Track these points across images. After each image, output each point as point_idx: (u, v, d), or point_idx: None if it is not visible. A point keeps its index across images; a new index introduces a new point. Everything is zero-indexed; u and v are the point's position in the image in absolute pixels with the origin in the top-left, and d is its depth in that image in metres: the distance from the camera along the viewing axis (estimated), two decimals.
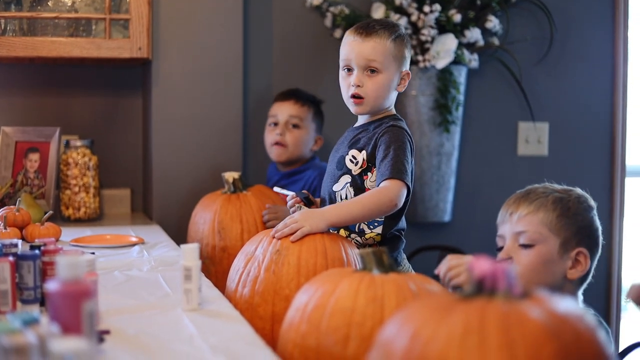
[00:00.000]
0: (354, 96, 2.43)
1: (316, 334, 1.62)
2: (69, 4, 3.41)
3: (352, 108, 2.47)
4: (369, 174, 2.41)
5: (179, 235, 3.21)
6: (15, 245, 1.93)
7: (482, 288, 1.19)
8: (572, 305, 1.20)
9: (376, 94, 2.43)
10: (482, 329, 1.09)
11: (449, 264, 2.01)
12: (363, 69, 2.43)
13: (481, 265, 1.18)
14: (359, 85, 2.42)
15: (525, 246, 2.12)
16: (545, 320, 1.10)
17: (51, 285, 1.34)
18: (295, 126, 3.33)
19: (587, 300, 2.28)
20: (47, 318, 1.38)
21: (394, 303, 1.61)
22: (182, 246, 1.93)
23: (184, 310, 1.90)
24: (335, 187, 2.46)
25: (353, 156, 2.43)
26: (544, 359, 1.06)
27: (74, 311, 1.31)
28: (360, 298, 1.62)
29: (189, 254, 1.91)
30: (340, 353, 1.58)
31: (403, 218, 2.47)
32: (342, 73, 2.48)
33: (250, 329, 1.77)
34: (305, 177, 3.30)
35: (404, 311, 1.23)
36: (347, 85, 2.46)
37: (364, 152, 2.42)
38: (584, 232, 2.15)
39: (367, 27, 2.45)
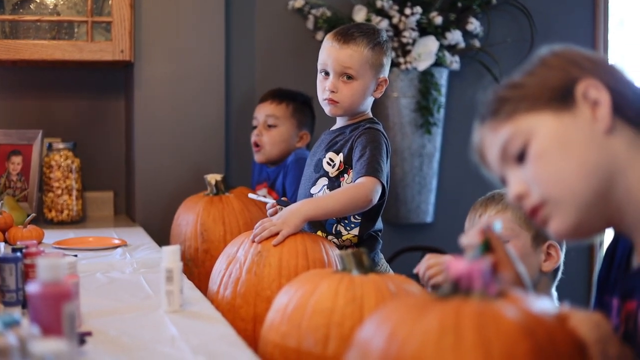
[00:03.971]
0: (328, 100, 2.46)
1: (296, 335, 1.64)
2: (51, 7, 3.41)
3: (326, 109, 2.49)
4: (345, 175, 2.42)
5: (162, 238, 3.21)
6: None
7: (458, 288, 1.20)
8: (547, 304, 1.21)
9: (350, 100, 2.45)
10: (457, 328, 1.11)
11: (428, 263, 2.03)
12: (339, 75, 2.44)
13: (457, 265, 1.20)
14: (333, 91, 2.44)
15: None
16: (520, 319, 1.12)
17: (31, 287, 1.35)
18: (271, 126, 3.33)
19: (568, 295, 2.29)
20: (28, 320, 1.39)
21: (373, 303, 1.62)
22: (164, 248, 1.94)
23: (165, 312, 1.90)
24: (313, 190, 2.47)
25: (330, 159, 2.45)
26: (518, 357, 1.08)
27: (54, 313, 1.32)
28: (339, 298, 1.63)
29: (170, 255, 1.92)
30: (320, 353, 1.60)
31: (380, 219, 2.48)
32: (319, 76, 2.50)
33: (232, 330, 1.78)
34: (283, 165, 3.29)
35: (381, 311, 1.24)
36: (322, 88, 2.48)
37: (340, 154, 2.43)
38: None
39: (345, 33, 2.46)
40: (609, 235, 1.49)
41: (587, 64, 1.38)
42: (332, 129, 2.56)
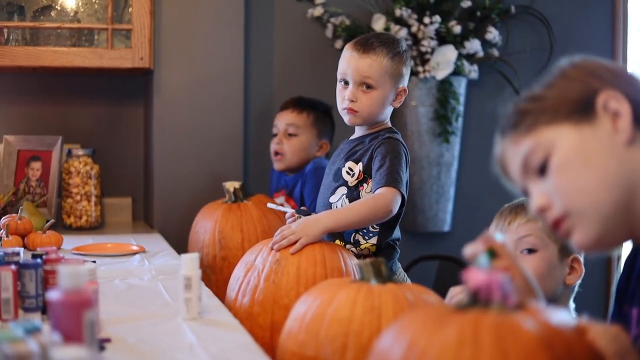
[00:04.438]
0: (347, 109, 2.46)
1: (314, 344, 1.64)
2: (72, 14, 3.43)
3: (346, 118, 2.50)
4: (364, 185, 2.43)
5: (180, 244, 3.23)
6: (17, 254, 1.94)
7: (477, 299, 1.20)
8: (565, 316, 1.22)
9: (369, 110, 2.46)
10: (476, 339, 1.11)
11: (456, 291, 2.01)
12: (358, 84, 2.45)
13: (476, 276, 1.20)
14: (352, 100, 2.45)
15: (529, 251, 2.13)
16: (538, 332, 1.12)
17: (53, 295, 1.36)
18: (292, 135, 3.33)
19: (587, 306, 2.29)
20: (49, 326, 1.40)
21: (391, 313, 1.62)
22: (182, 255, 1.95)
23: (184, 319, 1.91)
24: (332, 199, 2.48)
25: (350, 168, 2.45)
26: None
27: (75, 320, 1.33)
28: (357, 308, 1.64)
29: (189, 263, 1.93)
30: None
31: (398, 228, 2.49)
32: (338, 85, 2.51)
33: (250, 338, 1.78)
34: (301, 173, 3.30)
35: (400, 321, 1.25)
36: (342, 97, 2.49)
37: (360, 164, 2.44)
38: None
39: (365, 43, 2.47)
40: (627, 246, 1.49)
41: (607, 75, 1.38)
42: (351, 138, 2.57)
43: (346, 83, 2.48)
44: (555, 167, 1.34)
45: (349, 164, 2.46)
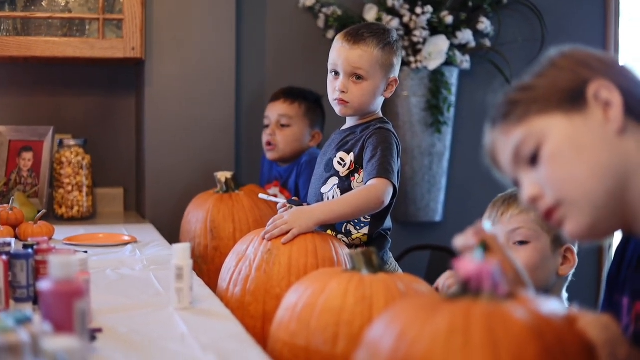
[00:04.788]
0: (338, 100, 2.46)
1: (305, 333, 1.64)
2: (63, 4, 3.42)
3: (337, 109, 2.50)
4: (356, 175, 2.43)
5: (172, 234, 3.22)
6: (9, 244, 1.94)
7: (468, 288, 1.21)
8: (555, 305, 1.22)
9: (360, 100, 2.46)
10: (466, 329, 1.11)
11: (447, 275, 2.02)
12: (349, 75, 2.45)
13: (466, 266, 1.20)
14: (343, 91, 2.45)
15: (521, 243, 2.13)
16: (529, 321, 1.12)
17: (43, 285, 1.36)
18: (284, 125, 3.33)
19: (578, 295, 2.29)
20: (40, 317, 1.40)
21: (382, 303, 1.63)
22: (174, 245, 1.95)
23: (175, 309, 1.91)
24: (324, 189, 2.48)
25: (341, 158, 2.46)
26: (527, 358, 1.08)
27: (66, 310, 1.33)
28: (349, 297, 1.64)
29: (181, 253, 1.93)
30: (329, 352, 1.60)
31: (389, 218, 2.49)
32: (329, 76, 2.51)
33: (241, 327, 1.78)
34: (296, 163, 3.30)
35: (390, 311, 1.25)
36: (332, 88, 2.49)
37: (351, 154, 2.44)
38: None
39: (356, 34, 2.47)
40: (618, 235, 1.50)
41: (597, 65, 1.38)
42: (342, 128, 2.57)
43: (337, 74, 2.48)
44: (546, 156, 1.34)
45: (341, 154, 2.47)
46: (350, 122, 2.55)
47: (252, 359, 1.56)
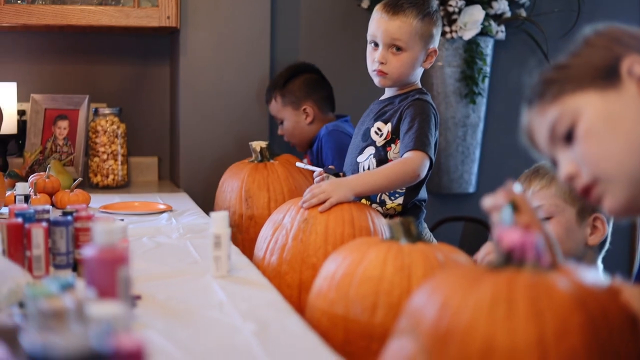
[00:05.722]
0: (377, 71, 2.46)
1: (344, 302, 1.65)
2: None
3: (376, 80, 2.49)
4: (392, 145, 2.43)
5: (206, 203, 3.24)
6: (47, 212, 1.96)
7: (511, 259, 1.20)
8: (598, 277, 1.22)
9: (399, 71, 2.45)
10: (510, 299, 1.11)
11: (487, 249, 2.02)
12: (388, 47, 2.44)
13: (510, 236, 1.20)
14: (382, 62, 2.44)
15: (545, 219, 2.13)
16: (573, 292, 1.12)
17: (88, 251, 1.37)
18: (281, 123, 3.42)
19: (610, 268, 2.28)
20: (83, 283, 1.41)
21: (421, 272, 1.63)
22: (212, 214, 1.96)
23: (213, 277, 1.92)
24: (359, 159, 2.48)
25: (378, 128, 2.46)
26: (571, 329, 1.08)
27: (110, 277, 1.35)
28: (388, 267, 1.64)
29: (219, 221, 1.93)
30: (367, 320, 1.61)
31: (424, 189, 2.49)
32: (368, 47, 2.50)
33: (279, 296, 1.79)
34: (317, 138, 3.31)
35: (432, 281, 1.25)
36: (372, 59, 2.49)
37: (389, 124, 2.44)
38: None
39: (395, 4, 2.45)
40: None
41: (631, 42, 1.37)
42: (381, 98, 2.57)
43: (376, 45, 2.47)
44: (582, 133, 1.34)
45: (378, 124, 2.46)
46: (388, 93, 2.54)
47: (291, 326, 1.56)
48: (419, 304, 1.21)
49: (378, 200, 2.44)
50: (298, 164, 2.70)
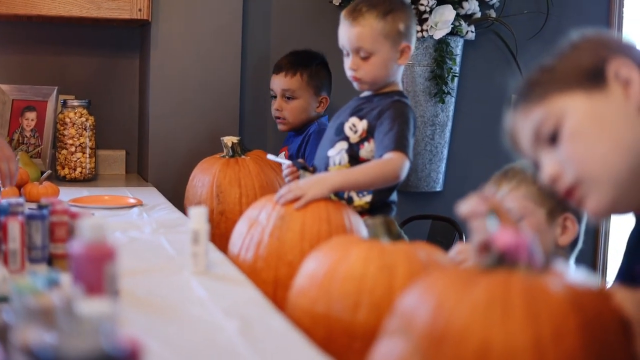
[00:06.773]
0: (352, 77, 2.47)
1: (326, 300, 1.65)
2: None
3: (354, 85, 2.50)
4: (365, 143, 2.43)
5: (175, 198, 3.22)
6: (21, 205, 1.93)
7: (504, 260, 1.21)
8: (588, 279, 1.22)
9: (372, 75, 2.46)
10: (506, 300, 1.11)
11: (458, 249, 2.02)
12: (356, 53, 2.45)
13: (504, 237, 1.20)
14: (354, 69, 2.45)
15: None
16: (568, 294, 1.12)
17: (75, 247, 1.36)
18: (290, 98, 3.32)
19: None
20: (67, 278, 1.40)
21: (403, 271, 1.63)
22: (190, 209, 1.95)
23: (191, 273, 1.91)
24: (330, 152, 2.47)
25: (353, 124, 2.45)
26: (567, 331, 1.08)
27: (97, 273, 1.33)
28: (370, 265, 1.64)
29: (197, 217, 1.92)
30: (350, 319, 1.61)
31: (395, 191, 2.49)
32: (344, 54, 2.51)
33: (259, 293, 1.79)
34: (304, 133, 3.29)
35: (423, 281, 1.25)
36: (347, 67, 2.50)
37: (364, 121, 2.43)
38: None
39: (354, 10, 2.46)
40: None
41: (617, 46, 1.39)
42: (361, 95, 2.56)
43: (348, 53, 2.48)
44: (567, 134, 1.35)
45: (353, 119, 2.46)
46: (368, 91, 2.54)
47: (275, 324, 1.56)
48: (411, 305, 1.20)
49: (345, 197, 2.43)
50: (269, 156, 2.70)
